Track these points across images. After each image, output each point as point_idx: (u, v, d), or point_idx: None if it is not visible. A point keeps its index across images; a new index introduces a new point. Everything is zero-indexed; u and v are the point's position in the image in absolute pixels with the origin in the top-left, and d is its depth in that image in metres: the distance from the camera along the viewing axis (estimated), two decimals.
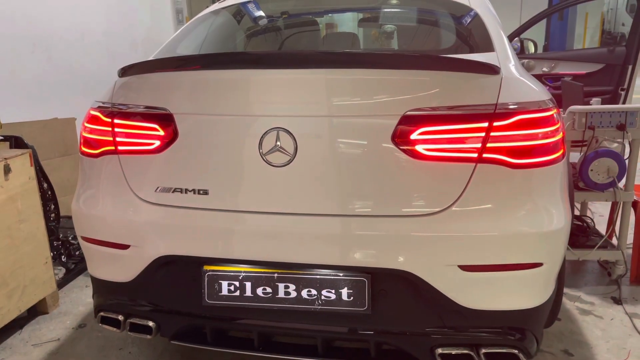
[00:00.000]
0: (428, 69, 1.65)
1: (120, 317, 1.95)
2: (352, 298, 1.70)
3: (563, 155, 1.76)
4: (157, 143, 1.79)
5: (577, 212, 3.44)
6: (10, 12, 3.84)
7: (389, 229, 1.65)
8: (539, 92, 1.77)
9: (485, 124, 1.63)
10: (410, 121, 1.63)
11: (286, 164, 1.67)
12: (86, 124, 1.96)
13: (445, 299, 1.67)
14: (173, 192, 1.78)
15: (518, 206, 1.66)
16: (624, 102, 4.08)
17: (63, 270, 3.21)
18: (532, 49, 4.69)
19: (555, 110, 1.75)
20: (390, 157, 1.64)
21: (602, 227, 3.36)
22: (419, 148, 1.63)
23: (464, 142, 1.63)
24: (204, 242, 1.76)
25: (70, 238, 3.38)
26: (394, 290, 1.70)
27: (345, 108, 1.66)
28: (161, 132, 1.79)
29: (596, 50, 4.36)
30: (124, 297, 1.95)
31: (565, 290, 2.94)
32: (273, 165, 1.68)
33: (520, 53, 4.49)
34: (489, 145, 1.63)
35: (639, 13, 3.93)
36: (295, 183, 1.69)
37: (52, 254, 2.96)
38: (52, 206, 3.11)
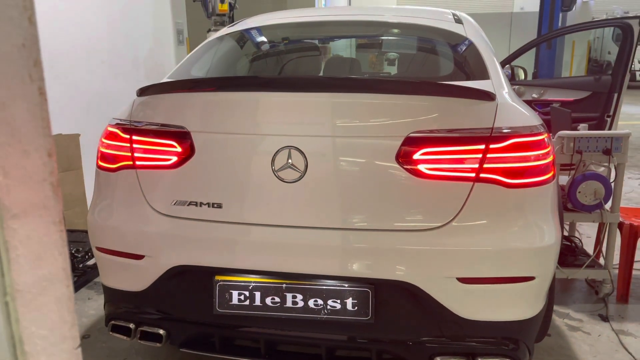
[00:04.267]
0: (430, 95, 1.79)
1: (132, 325, 2.02)
2: (356, 308, 1.80)
3: (553, 176, 1.89)
4: (174, 159, 1.90)
5: (565, 233, 3.57)
6: None
7: (392, 242, 1.76)
8: (531, 118, 1.91)
9: (482, 146, 1.76)
10: (413, 142, 1.76)
11: (297, 180, 1.79)
12: (104, 140, 2.07)
13: (445, 309, 1.78)
14: (188, 205, 1.89)
15: (512, 223, 1.78)
16: (609, 129, 4.25)
17: None
18: (522, 76, 4.87)
19: (546, 135, 1.89)
20: (394, 176, 1.76)
21: (589, 248, 3.49)
22: (421, 167, 1.75)
23: (462, 163, 1.76)
24: (217, 253, 1.86)
25: (73, 251, 3.45)
26: (396, 301, 1.81)
27: (353, 129, 1.79)
28: (178, 149, 1.90)
29: (583, 78, 4.55)
30: (136, 306, 2.03)
31: (555, 307, 3.05)
32: (284, 181, 1.79)
33: (511, 80, 4.66)
34: (485, 166, 1.76)
35: (624, 43, 4.13)
36: (305, 198, 1.80)
37: None
38: None
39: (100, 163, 2.08)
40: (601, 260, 3.23)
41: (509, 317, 1.83)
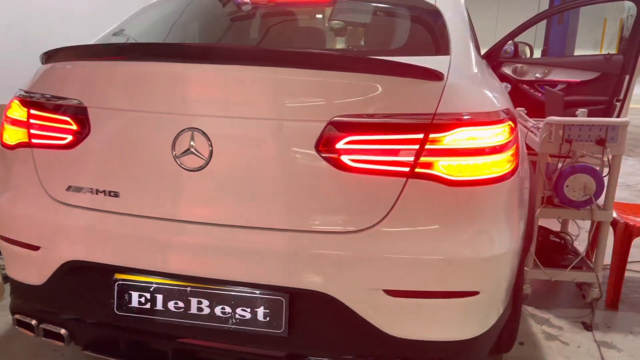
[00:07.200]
0: (360, 72, 1.49)
1: (34, 322, 1.82)
2: (268, 318, 1.55)
3: (513, 172, 1.59)
4: (70, 138, 1.66)
5: (553, 228, 3.25)
6: None
7: (308, 245, 1.50)
8: (491, 102, 1.61)
9: (420, 135, 1.47)
10: (337, 128, 1.47)
11: (200, 169, 1.53)
12: (7, 113, 1.83)
13: (369, 325, 1.51)
14: (84, 192, 1.65)
15: (453, 228, 1.50)
16: (618, 115, 3.86)
17: None
18: (528, 53, 4.48)
19: (508, 122, 1.59)
20: (312, 167, 1.48)
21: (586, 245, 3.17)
22: (345, 158, 1.47)
23: (395, 155, 1.47)
24: (113, 249, 1.63)
25: None
26: (313, 313, 1.55)
27: (267, 110, 1.51)
28: (74, 126, 1.65)
29: (593, 57, 4.14)
30: (37, 301, 1.82)
31: (534, 311, 2.77)
32: (186, 169, 1.53)
33: (514, 57, 4.28)
34: (422, 159, 1.47)
35: (639, 20, 3.71)
36: (209, 190, 1.54)
37: None
38: None
39: (3, 139, 1.85)
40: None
41: (447, 336, 1.56)
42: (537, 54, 4.83)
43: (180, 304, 1.60)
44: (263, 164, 1.51)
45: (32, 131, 1.72)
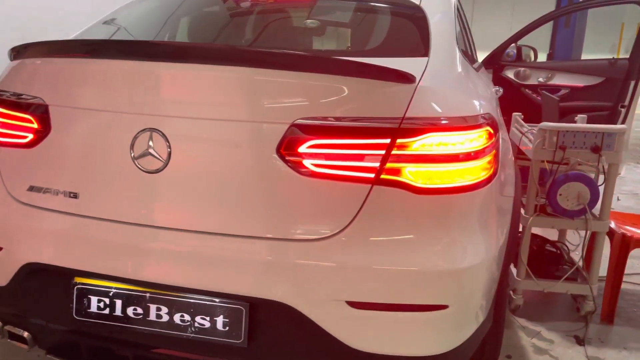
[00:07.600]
0: (325, 73, 1.42)
1: None
2: (227, 328, 1.49)
3: (489, 179, 1.52)
4: (31, 136, 1.62)
5: (548, 237, 3.15)
6: None
7: (267, 253, 1.44)
8: (467, 106, 1.54)
9: (387, 140, 1.40)
10: (300, 131, 1.41)
11: (158, 171, 1.47)
12: None
13: (331, 338, 1.44)
14: (44, 192, 1.61)
15: (421, 237, 1.43)
16: (623, 121, 3.75)
17: None
18: (532, 57, 4.38)
19: (485, 128, 1.52)
20: (273, 171, 1.42)
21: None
22: (307, 163, 1.41)
23: (359, 160, 1.40)
24: (72, 252, 1.58)
25: None
26: (273, 324, 1.49)
27: (227, 111, 1.45)
28: (35, 125, 1.61)
29: (597, 62, 4.03)
30: (1, 303, 1.78)
31: (526, 323, 2.68)
32: (144, 171, 1.48)
33: (517, 60, 4.18)
34: (388, 165, 1.40)
35: None
36: (167, 193, 1.49)
37: None
38: None
39: None
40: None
41: (416, 351, 1.49)
42: (543, 57, 4.69)
43: (139, 310, 1.54)
44: (222, 167, 1.45)
45: None
